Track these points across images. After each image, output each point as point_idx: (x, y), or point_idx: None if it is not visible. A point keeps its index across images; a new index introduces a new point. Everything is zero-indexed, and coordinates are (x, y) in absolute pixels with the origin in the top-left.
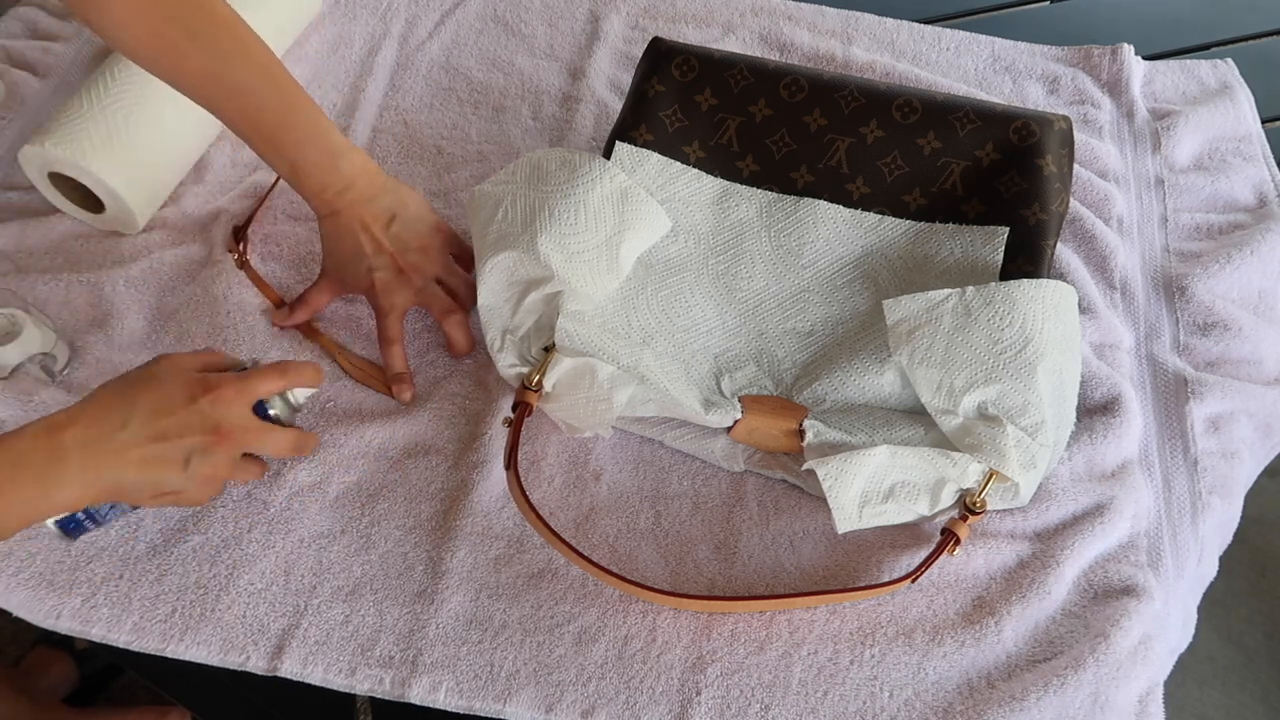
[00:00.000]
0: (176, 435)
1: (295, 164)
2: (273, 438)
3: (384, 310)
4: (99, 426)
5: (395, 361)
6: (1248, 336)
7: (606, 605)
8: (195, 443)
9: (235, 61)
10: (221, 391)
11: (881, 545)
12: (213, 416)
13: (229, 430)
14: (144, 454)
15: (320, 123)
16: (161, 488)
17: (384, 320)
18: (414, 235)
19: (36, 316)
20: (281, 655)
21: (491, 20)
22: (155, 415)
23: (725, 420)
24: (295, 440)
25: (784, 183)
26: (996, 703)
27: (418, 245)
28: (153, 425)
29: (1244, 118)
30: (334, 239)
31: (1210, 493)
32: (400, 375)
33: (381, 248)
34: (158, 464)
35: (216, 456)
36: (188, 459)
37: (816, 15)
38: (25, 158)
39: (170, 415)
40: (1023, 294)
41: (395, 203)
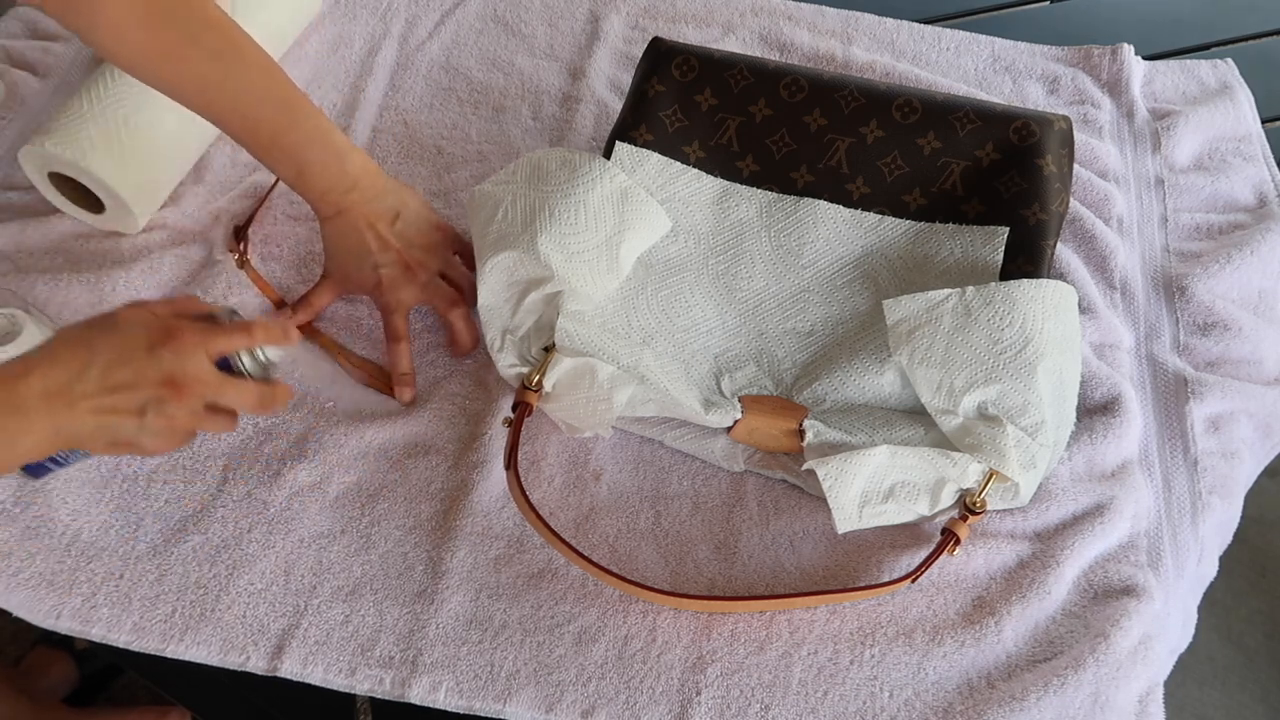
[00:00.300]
0: (131, 385)
1: (301, 166)
2: (234, 391)
3: (390, 308)
4: (56, 375)
5: (401, 360)
6: (1248, 336)
7: (606, 605)
8: (150, 394)
9: (234, 65)
10: (182, 339)
11: (881, 545)
12: (170, 366)
13: (185, 381)
14: (99, 404)
15: (322, 124)
16: (116, 437)
17: (391, 317)
18: (417, 233)
19: (36, 316)
20: (281, 655)
21: (491, 20)
22: (112, 364)
23: (725, 420)
24: (259, 395)
25: (784, 183)
26: (996, 703)
27: (421, 242)
28: (109, 375)
29: (1244, 118)
30: (338, 239)
31: (1210, 493)
32: (405, 375)
33: (387, 245)
34: (112, 413)
35: (172, 408)
36: (143, 409)
37: (816, 15)
38: (25, 158)
39: (127, 365)
40: (1023, 294)
41: (397, 202)
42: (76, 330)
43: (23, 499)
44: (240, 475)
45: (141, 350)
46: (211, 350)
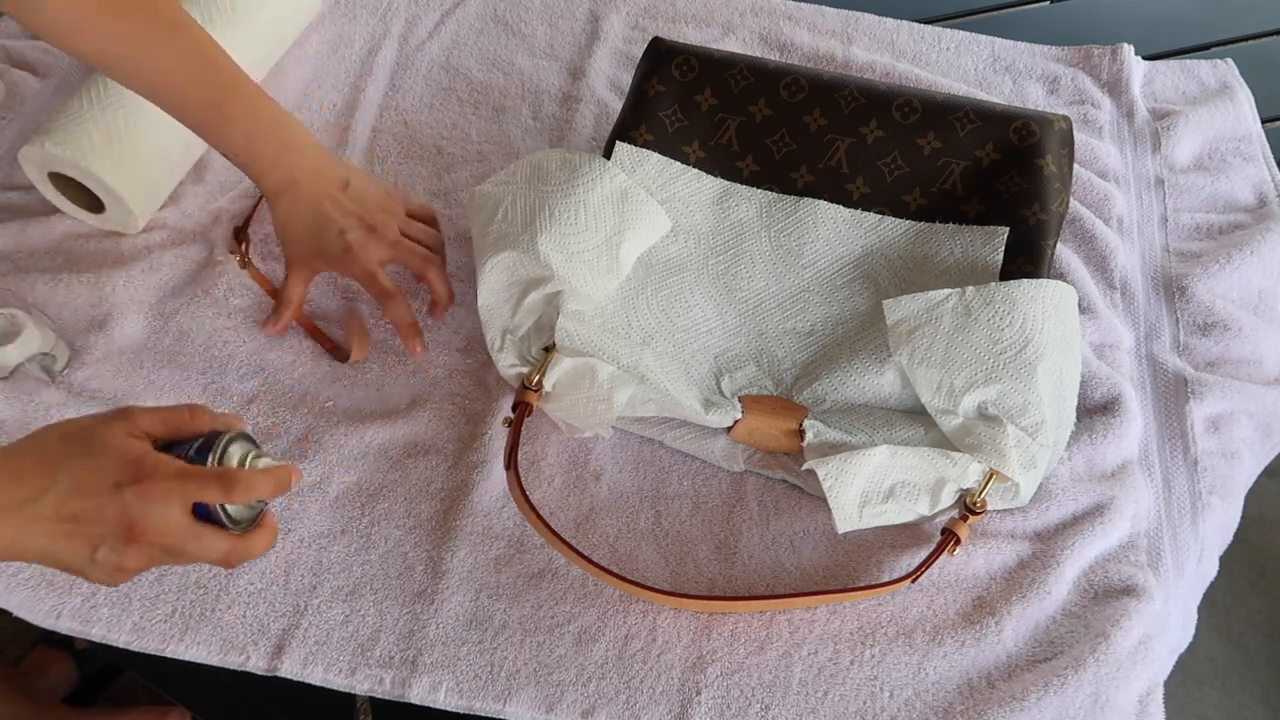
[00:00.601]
0: (89, 522)
1: (250, 136)
2: (197, 548)
3: (368, 270)
4: (13, 492)
5: (402, 312)
6: (1248, 336)
7: (606, 605)
8: (106, 534)
9: (174, 38)
10: (150, 486)
11: (881, 545)
12: (134, 512)
13: (145, 531)
14: (51, 529)
15: (262, 96)
16: (62, 565)
17: (372, 280)
18: (372, 195)
19: (36, 316)
20: (281, 655)
21: (491, 20)
22: (73, 494)
23: (725, 420)
24: (227, 553)
25: (784, 183)
26: (997, 703)
27: (378, 204)
28: (67, 504)
29: (1244, 118)
30: (294, 214)
31: (1210, 493)
32: (411, 325)
33: (347, 209)
34: (63, 543)
35: (128, 556)
36: (96, 546)
37: (816, 15)
38: (25, 158)
39: (89, 498)
40: (1023, 294)
41: (344, 170)
42: (53, 442)
43: None
44: None
45: (107, 487)
46: (186, 499)
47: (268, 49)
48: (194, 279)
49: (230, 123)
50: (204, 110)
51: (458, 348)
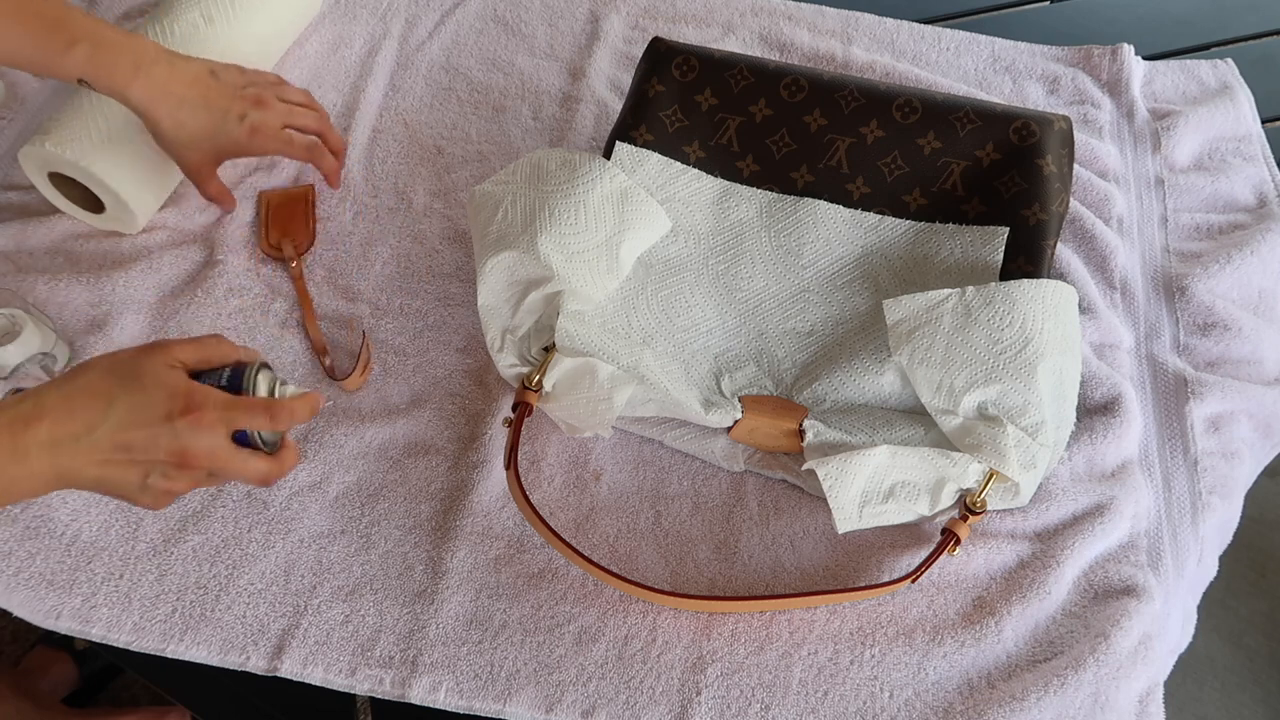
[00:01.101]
0: (142, 451)
1: (96, 54)
2: (240, 468)
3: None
4: (68, 427)
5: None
6: (1248, 336)
7: (606, 605)
8: (158, 462)
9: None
10: (201, 415)
11: (881, 545)
12: (185, 441)
13: (197, 457)
14: (105, 459)
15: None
16: (114, 492)
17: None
18: (238, 74)
19: (36, 316)
20: (281, 655)
21: (491, 20)
22: (127, 425)
23: (725, 420)
24: (265, 472)
25: (784, 183)
26: (997, 703)
27: (250, 79)
28: (122, 434)
29: (1244, 118)
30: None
31: (1210, 493)
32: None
33: (232, 94)
34: (116, 470)
35: (177, 480)
36: (147, 473)
37: (816, 15)
38: (25, 158)
39: (142, 428)
40: (1023, 294)
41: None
42: (99, 375)
43: None
44: None
45: (159, 418)
46: (231, 427)
47: (268, 49)
48: (194, 279)
49: (72, 45)
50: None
51: (458, 348)
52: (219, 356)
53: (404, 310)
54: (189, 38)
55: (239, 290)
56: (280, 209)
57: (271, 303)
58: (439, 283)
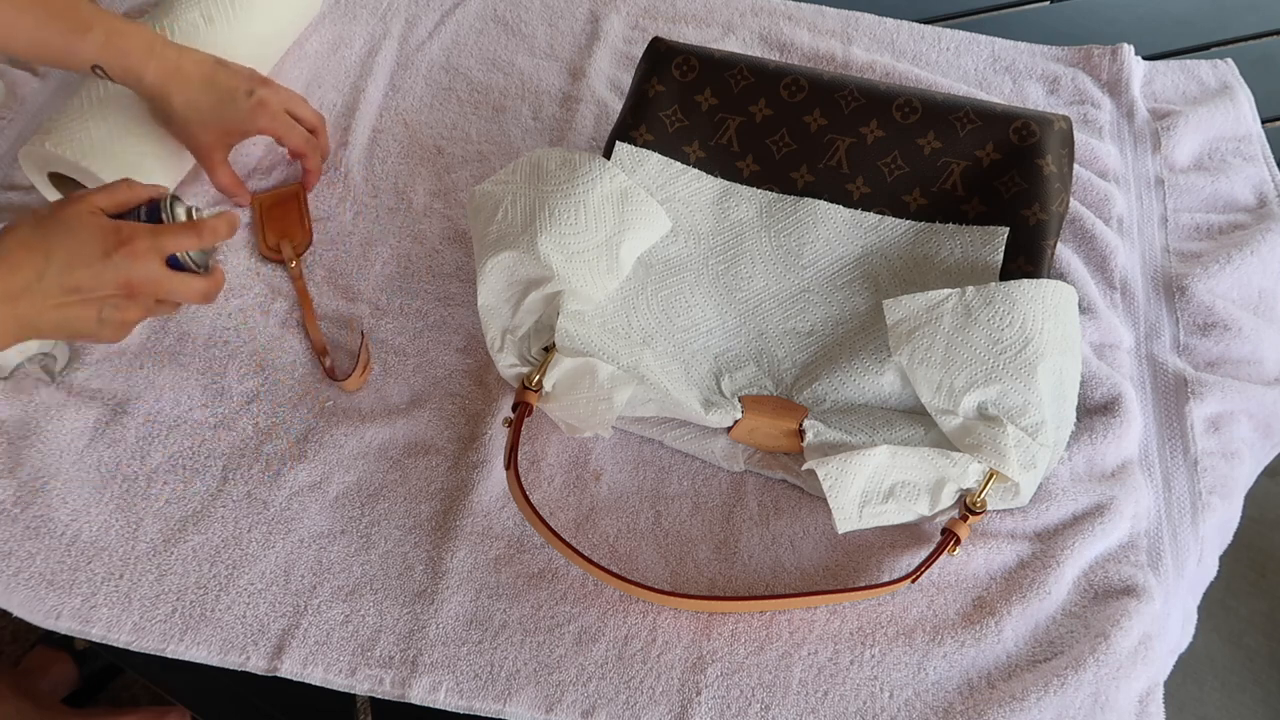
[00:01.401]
0: (90, 288)
1: (111, 39)
2: (182, 288)
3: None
4: (15, 277)
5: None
6: (1248, 336)
7: (606, 605)
8: (107, 295)
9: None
10: (135, 245)
11: (881, 545)
12: (125, 271)
13: (141, 285)
14: (60, 303)
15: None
16: (74, 332)
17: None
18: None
19: None
20: (281, 655)
21: (491, 20)
22: (70, 267)
23: (725, 420)
24: (203, 289)
25: (784, 183)
26: (996, 703)
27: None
28: (68, 277)
29: (1244, 118)
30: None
31: (1210, 493)
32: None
33: (238, 73)
34: (72, 312)
35: (128, 308)
36: (100, 308)
37: (816, 15)
38: (25, 158)
39: (85, 267)
40: (1023, 294)
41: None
42: (28, 231)
43: (23, 499)
44: (240, 475)
45: (98, 256)
46: (163, 252)
47: (268, 49)
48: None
49: (86, 31)
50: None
51: (458, 348)
52: (132, 198)
53: (404, 310)
54: (189, 38)
55: (239, 290)
56: (273, 209)
57: (272, 303)
58: (439, 283)
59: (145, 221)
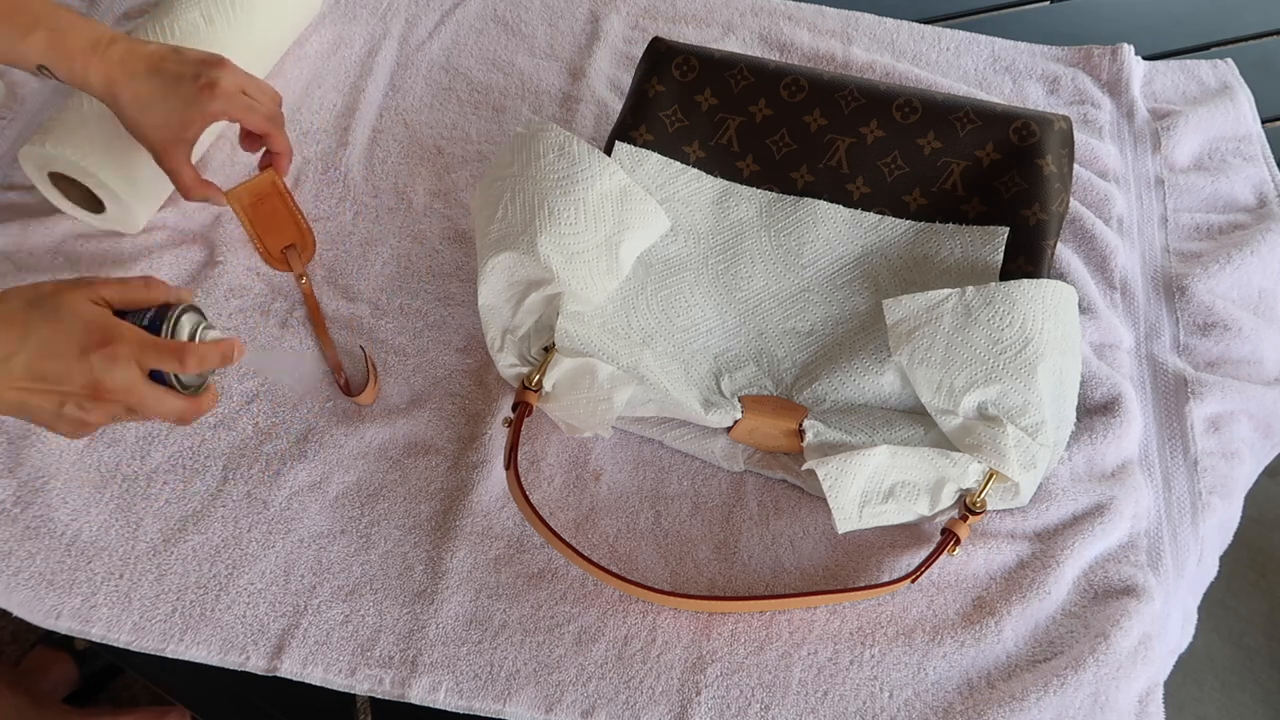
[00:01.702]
0: (56, 381)
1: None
2: (155, 406)
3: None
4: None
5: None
6: (1248, 336)
7: (606, 605)
8: (73, 393)
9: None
10: (115, 349)
11: (881, 545)
12: (98, 374)
13: (112, 391)
14: (22, 388)
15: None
16: (31, 416)
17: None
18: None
19: None
20: (281, 655)
21: (491, 20)
22: (42, 356)
23: (725, 420)
24: (179, 411)
25: (784, 183)
26: (996, 703)
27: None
28: (37, 364)
29: (1244, 118)
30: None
31: (1210, 493)
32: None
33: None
34: (33, 400)
35: (92, 410)
36: (62, 403)
37: (816, 15)
38: (25, 158)
39: (57, 360)
40: (1023, 294)
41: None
42: (16, 306)
43: (23, 499)
44: (240, 475)
45: (74, 351)
46: (144, 365)
47: (267, 49)
48: (194, 279)
49: (30, 30)
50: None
51: (458, 348)
52: (145, 298)
53: (404, 310)
54: (189, 38)
55: (239, 290)
56: (258, 209)
57: (272, 303)
58: (439, 283)
59: (147, 326)
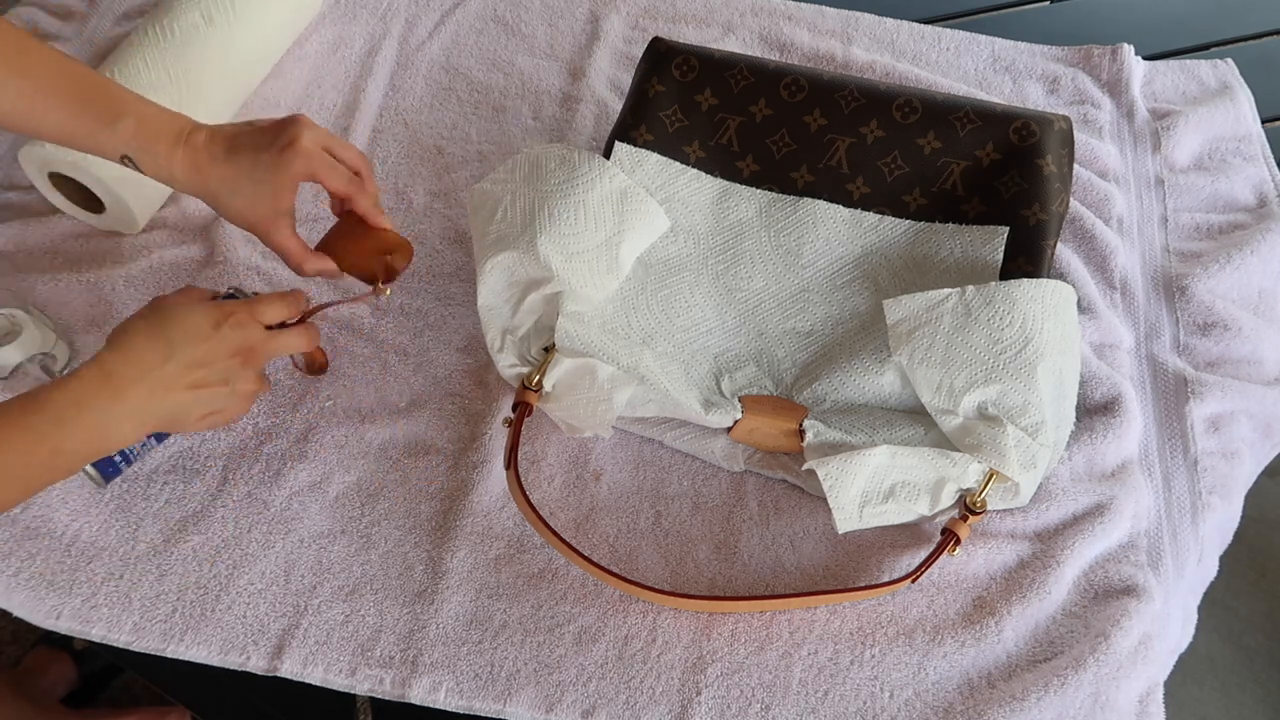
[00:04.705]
0: (211, 360)
1: (143, 117)
2: (291, 341)
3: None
4: (144, 363)
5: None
6: (1248, 336)
7: (606, 605)
8: (232, 364)
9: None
10: (238, 315)
11: (881, 545)
12: (238, 339)
13: (254, 347)
14: (193, 379)
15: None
16: (210, 407)
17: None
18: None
19: (36, 316)
20: (281, 655)
21: (491, 20)
22: (192, 344)
23: (725, 420)
24: (306, 337)
25: (784, 183)
26: (997, 703)
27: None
28: (193, 353)
29: (1244, 118)
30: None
31: (1210, 493)
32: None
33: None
34: (207, 387)
35: (249, 372)
36: (226, 378)
37: (816, 15)
38: (25, 158)
39: (205, 341)
40: (1023, 294)
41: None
42: (141, 323)
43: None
44: (240, 475)
45: (210, 331)
46: (261, 318)
47: (268, 49)
48: (194, 279)
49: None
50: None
51: (458, 348)
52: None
53: (404, 310)
54: (189, 38)
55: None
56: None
57: None
58: (439, 283)
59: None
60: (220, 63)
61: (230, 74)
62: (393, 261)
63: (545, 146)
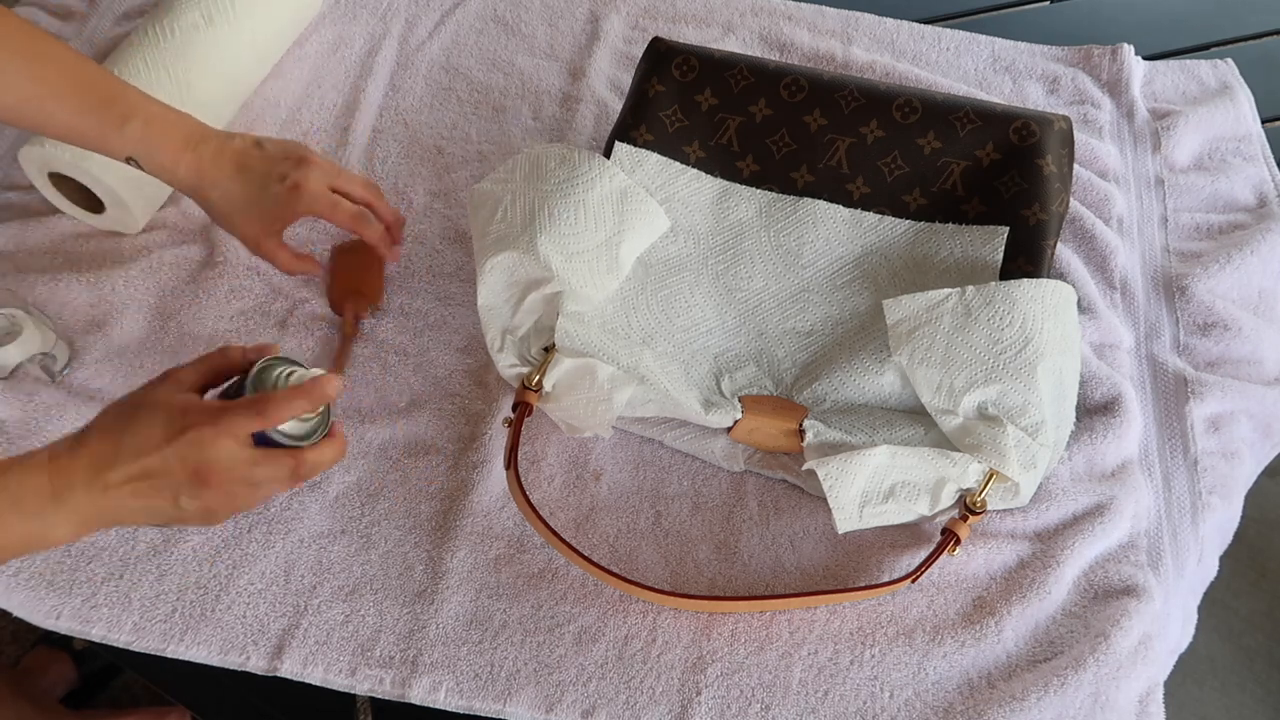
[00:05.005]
0: (160, 475)
1: (151, 119)
2: (265, 472)
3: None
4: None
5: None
6: (1248, 336)
7: (606, 605)
8: (180, 482)
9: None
10: (198, 432)
11: (881, 545)
12: (192, 458)
13: (211, 472)
14: (133, 490)
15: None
16: (155, 517)
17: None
18: (281, 142)
19: (36, 316)
20: (281, 655)
21: (491, 20)
22: (137, 454)
23: (725, 420)
24: (291, 469)
25: (784, 183)
26: (997, 703)
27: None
28: (136, 464)
29: (1244, 118)
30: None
31: (1210, 493)
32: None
33: (272, 158)
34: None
35: (206, 497)
36: (175, 495)
37: (816, 15)
38: (25, 158)
39: (152, 454)
40: (1023, 294)
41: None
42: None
43: None
44: None
45: (160, 442)
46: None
47: (268, 49)
48: (194, 279)
49: (125, 122)
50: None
51: (458, 348)
52: (225, 367)
53: (404, 310)
54: (189, 38)
55: (240, 290)
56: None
57: (272, 303)
58: (439, 283)
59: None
60: (220, 63)
61: (230, 74)
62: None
63: (545, 146)
